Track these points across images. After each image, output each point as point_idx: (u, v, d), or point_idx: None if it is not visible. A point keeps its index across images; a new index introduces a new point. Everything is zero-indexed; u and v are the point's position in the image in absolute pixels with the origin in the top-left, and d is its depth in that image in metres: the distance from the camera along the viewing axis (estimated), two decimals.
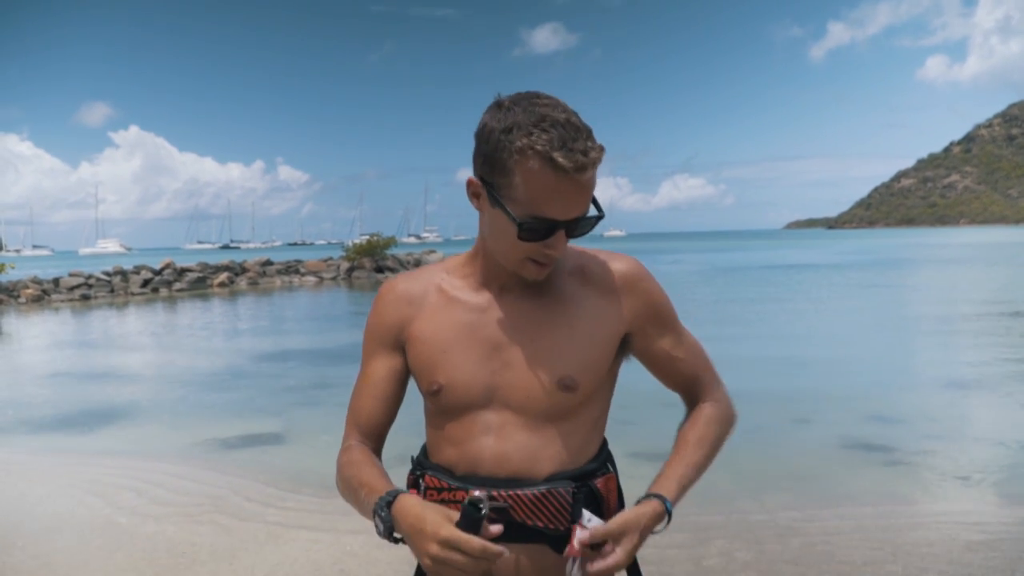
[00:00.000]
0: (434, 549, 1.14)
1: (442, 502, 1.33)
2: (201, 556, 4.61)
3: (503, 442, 1.37)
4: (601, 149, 1.25)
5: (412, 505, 1.22)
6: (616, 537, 1.27)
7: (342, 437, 1.52)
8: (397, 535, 1.25)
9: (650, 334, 1.47)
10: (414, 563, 1.40)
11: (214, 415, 9.07)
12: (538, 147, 1.21)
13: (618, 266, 1.45)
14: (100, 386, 11.50)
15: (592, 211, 1.31)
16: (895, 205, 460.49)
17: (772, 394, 9.27)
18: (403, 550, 1.27)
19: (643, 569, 1.47)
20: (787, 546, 4.57)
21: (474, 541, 1.12)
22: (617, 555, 1.27)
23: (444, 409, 1.42)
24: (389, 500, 1.25)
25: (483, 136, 1.29)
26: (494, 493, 1.32)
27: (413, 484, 1.45)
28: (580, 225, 1.30)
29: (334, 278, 35.82)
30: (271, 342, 16.07)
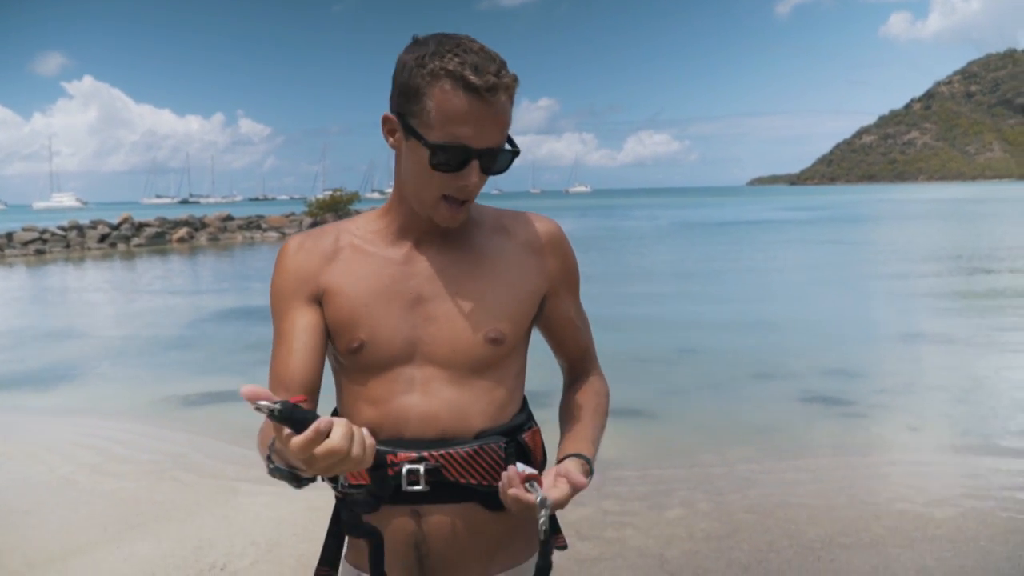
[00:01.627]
0: (310, 469, 1.00)
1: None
2: (163, 513, 4.58)
3: (429, 399, 1.33)
4: (515, 78, 1.23)
5: (278, 443, 1.04)
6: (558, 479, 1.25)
7: None
8: (302, 476, 1.10)
9: (562, 296, 1.46)
10: None
11: (174, 373, 8.98)
12: (450, 67, 1.20)
13: (541, 225, 1.44)
14: (57, 344, 11.29)
15: (508, 147, 1.29)
16: (856, 162, 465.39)
17: (732, 349, 9.41)
18: None
19: (606, 520, 1.46)
20: (746, 496, 4.66)
21: (294, 445, 0.96)
22: (564, 486, 1.22)
23: (364, 367, 1.35)
24: (270, 453, 1.13)
25: (398, 70, 1.27)
26: (425, 454, 1.29)
27: None
28: (495, 159, 1.27)
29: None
30: (232, 299, 15.89)
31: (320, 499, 4.56)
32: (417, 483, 1.29)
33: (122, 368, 9.37)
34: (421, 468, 1.29)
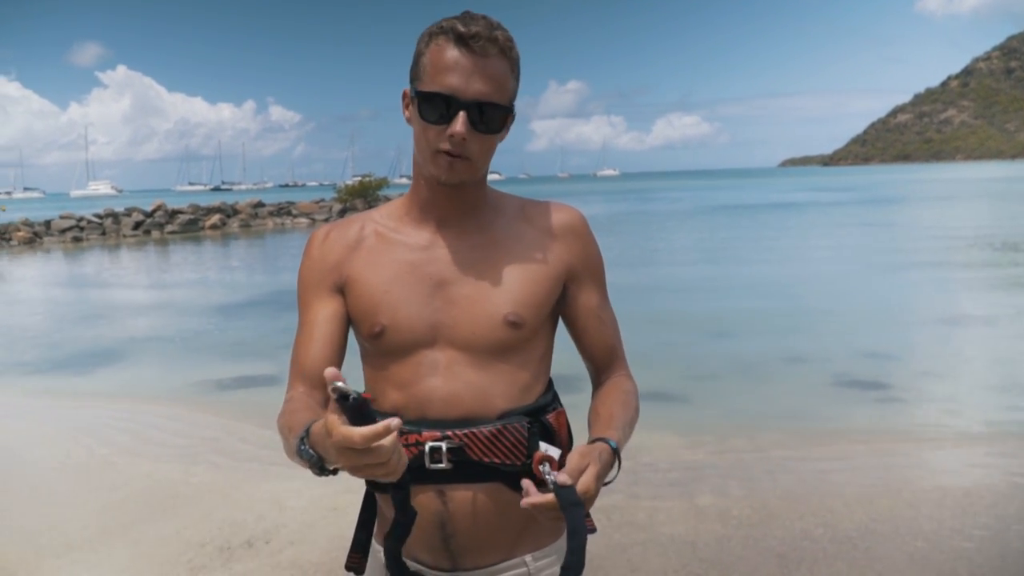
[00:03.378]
0: (341, 460, 1.00)
1: None
2: (197, 495, 4.64)
3: (452, 381, 1.34)
4: (509, 38, 1.29)
5: (318, 426, 1.07)
6: (579, 464, 1.20)
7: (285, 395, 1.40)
8: (328, 466, 1.11)
9: (585, 285, 1.46)
10: None
11: (208, 357, 9.09)
12: (444, 25, 1.28)
13: (563, 213, 1.47)
14: (94, 328, 11.48)
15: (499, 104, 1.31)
16: (891, 141, 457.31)
17: (763, 333, 9.31)
18: None
19: (639, 504, 1.45)
20: (779, 482, 4.61)
21: (355, 434, 0.95)
22: (588, 475, 1.18)
23: (387, 351, 1.37)
24: (304, 434, 1.13)
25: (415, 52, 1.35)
26: (448, 433, 1.30)
27: None
28: (484, 112, 1.28)
29: (326, 219, 35.56)
30: (264, 284, 16.03)
31: (354, 482, 4.58)
32: (440, 461, 1.30)
33: (156, 353, 9.50)
34: (444, 446, 1.29)
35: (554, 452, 1.27)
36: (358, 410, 0.97)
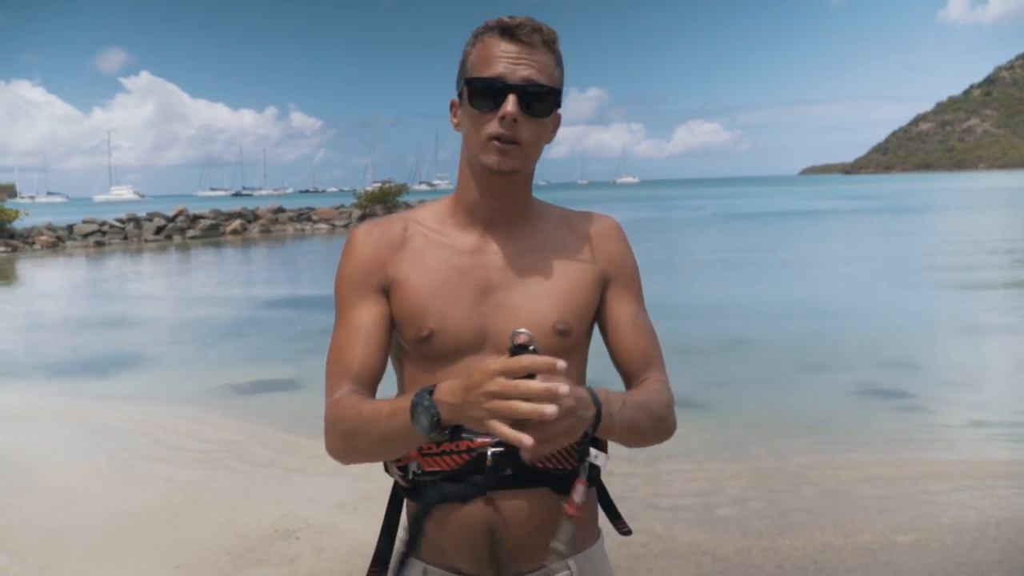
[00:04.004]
0: (490, 386, 1.00)
1: (443, 454, 1.29)
2: (217, 499, 4.66)
3: None
4: (554, 33, 1.32)
5: (450, 381, 1.10)
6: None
7: (326, 397, 1.36)
8: (444, 423, 1.10)
9: (620, 292, 1.45)
10: None
11: (227, 362, 9.14)
12: (488, 23, 1.32)
13: (601, 221, 1.49)
14: (115, 332, 11.59)
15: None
16: (913, 150, 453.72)
17: (784, 341, 9.25)
18: None
19: (656, 515, 1.43)
20: (799, 493, 4.57)
21: (528, 360, 0.99)
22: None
23: (433, 355, 1.35)
24: (430, 389, 1.12)
25: None
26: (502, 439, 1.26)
27: None
28: (532, 95, 1.29)
29: (346, 226, 35.76)
30: (284, 289, 16.12)
31: (372, 487, 4.60)
32: (504, 467, 1.28)
33: (176, 357, 9.56)
34: (505, 452, 1.27)
35: (603, 457, 1.28)
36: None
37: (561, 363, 1.00)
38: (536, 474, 1.31)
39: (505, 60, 1.29)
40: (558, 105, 1.34)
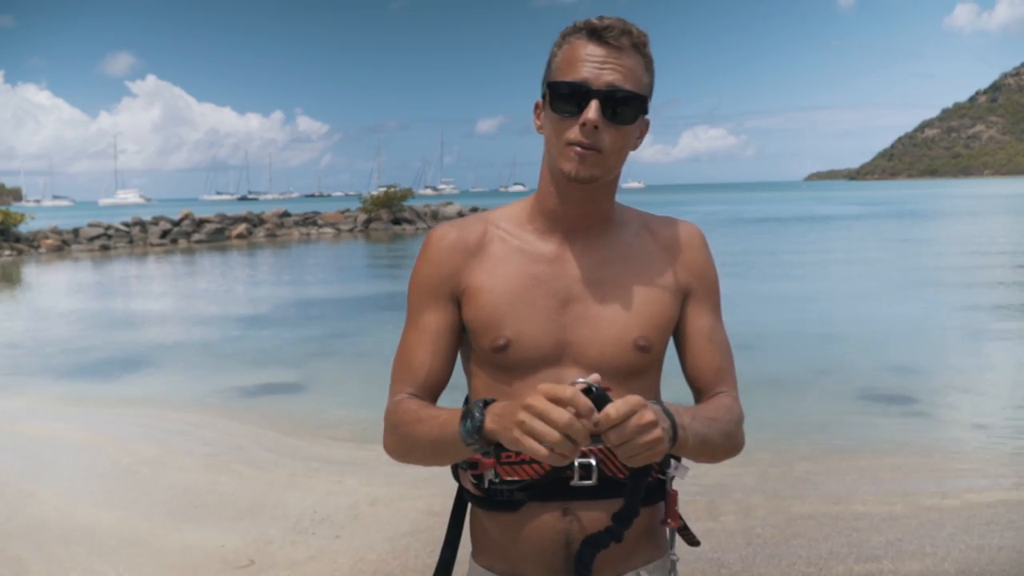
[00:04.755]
0: (529, 400, 1.02)
1: (523, 463, 1.26)
2: (222, 504, 4.66)
3: None
4: (644, 35, 1.28)
5: (504, 402, 1.13)
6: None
7: (389, 397, 1.38)
8: (488, 432, 1.11)
9: (701, 305, 1.42)
10: (435, 509, 1.33)
11: (233, 365, 9.15)
12: (577, 24, 1.28)
13: (684, 229, 1.45)
14: (120, 336, 11.61)
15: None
16: (918, 156, 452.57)
17: (791, 345, 9.24)
18: (424, 500, 1.22)
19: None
20: (805, 499, 4.56)
21: (570, 393, 1.01)
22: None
23: (510, 365, 1.33)
24: (488, 401, 1.15)
25: None
26: (588, 448, 1.25)
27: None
28: (617, 102, 1.24)
29: (351, 230, 35.83)
30: (289, 293, 16.14)
31: (380, 491, 4.60)
32: (588, 478, 1.25)
33: (182, 361, 9.58)
34: (593, 463, 1.24)
35: (684, 466, 1.29)
36: (598, 400, 1.05)
37: (596, 416, 1.02)
38: (618, 486, 1.27)
39: (591, 64, 1.24)
40: (645, 111, 1.30)
